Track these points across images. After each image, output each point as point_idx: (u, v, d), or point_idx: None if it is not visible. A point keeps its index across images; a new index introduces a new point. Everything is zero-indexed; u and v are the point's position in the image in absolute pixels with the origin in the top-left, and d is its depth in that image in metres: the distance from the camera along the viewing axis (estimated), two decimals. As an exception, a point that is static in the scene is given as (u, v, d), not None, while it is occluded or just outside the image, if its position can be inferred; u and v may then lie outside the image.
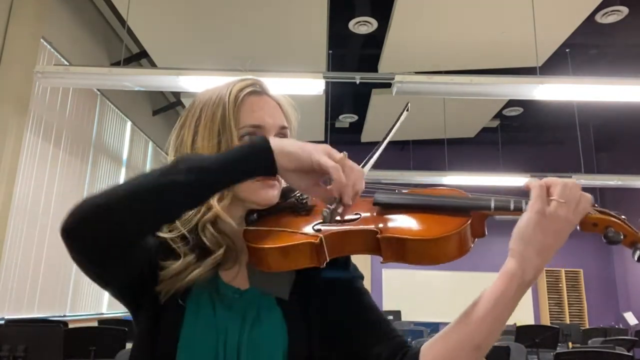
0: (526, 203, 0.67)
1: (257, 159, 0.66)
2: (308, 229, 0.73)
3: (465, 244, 0.69)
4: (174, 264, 0.73)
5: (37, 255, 4.24)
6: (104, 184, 5.47)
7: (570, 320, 8.58)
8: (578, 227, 0.68)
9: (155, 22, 4.85)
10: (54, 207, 4.48)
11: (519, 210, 0.68)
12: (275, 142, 0.67)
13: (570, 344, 6.47)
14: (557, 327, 5.10)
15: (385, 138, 0.79)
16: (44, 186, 4.33)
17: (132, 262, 0.70)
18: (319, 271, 0.72)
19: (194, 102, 0.82)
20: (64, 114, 4.65)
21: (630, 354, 3.82)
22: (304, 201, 0.80)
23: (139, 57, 5.70)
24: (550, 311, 8.84)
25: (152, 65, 5.70)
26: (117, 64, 5.05)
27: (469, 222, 0.69)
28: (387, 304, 8.43)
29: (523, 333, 4.73)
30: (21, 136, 3.89)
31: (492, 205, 0.70)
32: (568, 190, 0.65)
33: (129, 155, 6.12)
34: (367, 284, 0.86)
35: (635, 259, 0.65)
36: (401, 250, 0.69)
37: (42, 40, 4.18)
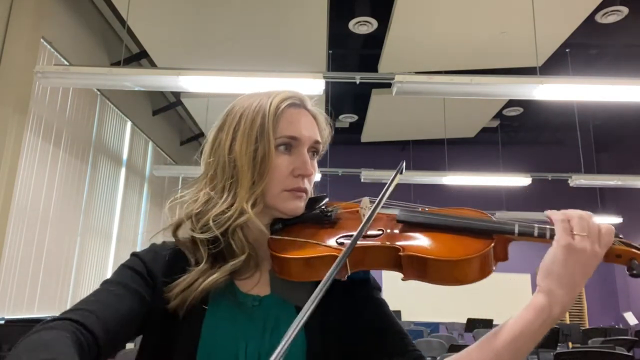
0: (550, 231, 0.67)
1: None
2: (332, 242, 0.75)
3: (487, 267, 0.69)
4: (188, 275, 0.73)
5: (37, 255, 4.24)
6: (104, 184, 5.48)
7: (570, 320, 8.57)
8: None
9: (155, 22, 4.85)
10: (54, 207, 4.48)
11: (542, 237, 0.68)
12: None
13: (570, 344, 6.46)
14: (557, 327, 5.10)
15: (379, 202, 0.72)
16: (44, 186, 4.33)
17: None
18: (339, 282, 0.73)
19: (234, 107, 0.83)
20: (64, 114, 4.65)
21: (630, 354, 3.82)
22: (329, 214, 0.81)
23: (139, 57, 5.69)
24: (550, 311, 8.83)
25: (152, 65, 5.70)
26: (117, 64, 5.05)
27: (492, 245, 0.69)
28: (387, 304, 8.43)
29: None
30: (21, 136, 3.89)
31: (516, 230, 0.69)
32: (585, 222, 0.65)
33: (129, 155, 6.12)
34: (367, 284, 0.86)
35: None
36: (422, 270, 0.69)
37: (42, 40, 4.18)
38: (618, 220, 7.29)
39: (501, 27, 4.85)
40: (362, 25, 5.30)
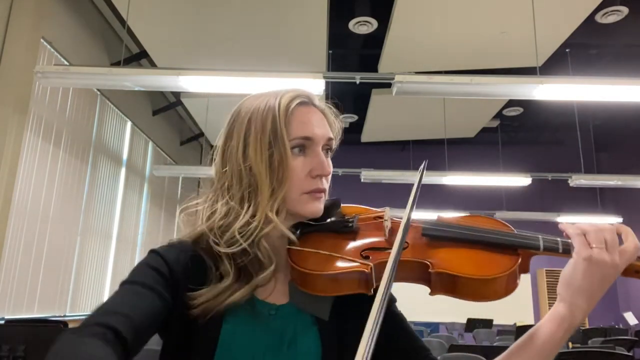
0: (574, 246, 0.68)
1: None
2: (357, 255, 0.73)
3: (513, 284, 0.70)
4: (212, 288, 0.71)
5: (37, 255, 4.24)
6: (104, 184, 5.48)
7: (570, 320, 8.56)
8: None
9: (155, 22, 4.85)
10: (54, 207, 4.48)
11: (566, 253, 0.69)
12: None
13: (570, 344, 6.46)
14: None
15: (414, 200, 0.70)
16: (44, 186, 4.33)
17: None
18: (357, 295, 0.71)
19: (240, 111, 0.79)
20: (64, 114, 4.65)
21: (630, 354, 3.82)
22: (350, 224, 0.78)
23: (139, 57, 5.70)
24: (550, 311, 8.82)
25: (152, 65, 5.70)
26: (117, 64, 5.05)
27: (519, 262, 0.69)
28: (387, 304, 8.42)
29: (523, 333, 4.73)
30: (21, 136, 3.89)
31: (541, 245, 0.70)
32: (601, 235, 0.66)
33: (129, 155, 6.12)
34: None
35: None
36: (451, 286, 0.69)
37: (42, 40, 4.18)
38: (618, 220, 7.29)
39: (501, 27, 4.85)
40: (362, 25, 5.30)
